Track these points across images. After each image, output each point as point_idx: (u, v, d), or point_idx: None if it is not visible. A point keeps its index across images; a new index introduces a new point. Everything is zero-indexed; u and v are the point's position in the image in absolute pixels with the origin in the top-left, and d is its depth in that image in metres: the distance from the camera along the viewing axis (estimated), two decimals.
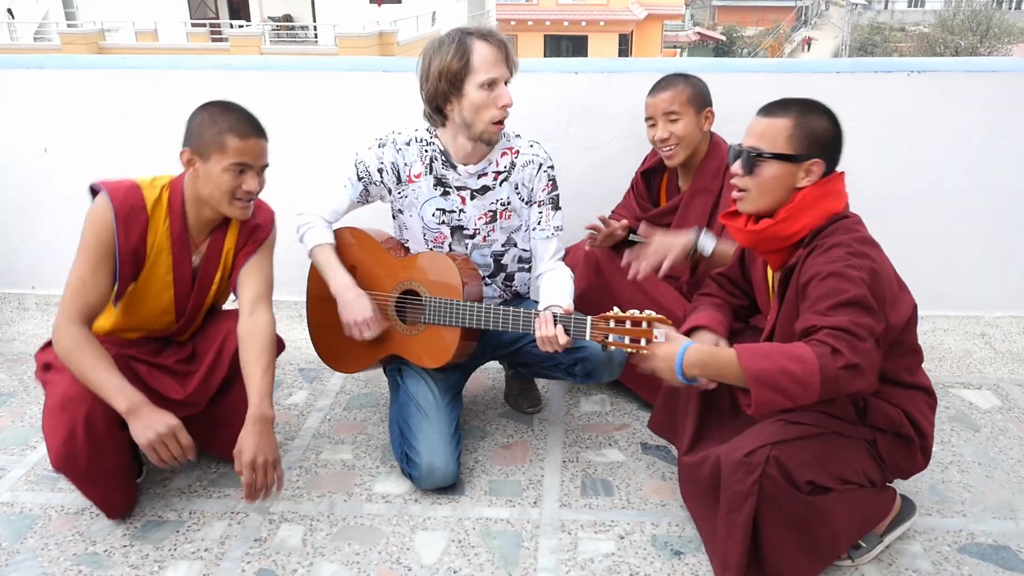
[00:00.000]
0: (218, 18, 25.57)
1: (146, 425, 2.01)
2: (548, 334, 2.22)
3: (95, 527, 2.25)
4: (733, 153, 2.00)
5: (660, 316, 2.14)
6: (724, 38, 38.83)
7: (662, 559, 2.13)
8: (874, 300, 1.78)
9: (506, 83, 2.34)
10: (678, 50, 34.94)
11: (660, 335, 2.13)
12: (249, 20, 25.23)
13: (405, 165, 2.46)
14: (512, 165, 2.47)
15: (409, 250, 2.57)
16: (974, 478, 2.46)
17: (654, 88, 2.64)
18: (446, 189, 2.46)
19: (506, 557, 2.14)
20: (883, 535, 2.11)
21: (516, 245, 2.56)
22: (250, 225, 2.30)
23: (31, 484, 2.44)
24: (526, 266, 2.62)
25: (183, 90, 3.32)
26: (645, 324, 2.14)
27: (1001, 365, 3.15)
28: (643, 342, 2.15)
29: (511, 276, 2.60)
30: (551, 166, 2.51)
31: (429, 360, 2.42)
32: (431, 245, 2.52)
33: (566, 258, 2.62)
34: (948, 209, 3.24)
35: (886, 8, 43.90)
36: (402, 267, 2.45)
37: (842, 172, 1.96)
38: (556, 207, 2.54)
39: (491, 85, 2.29)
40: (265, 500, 2.15)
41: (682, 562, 2.12)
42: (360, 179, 2.47)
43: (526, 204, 2.52)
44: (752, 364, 1.76)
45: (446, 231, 2.49)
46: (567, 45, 30.50)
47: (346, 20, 21.24)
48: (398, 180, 2.47)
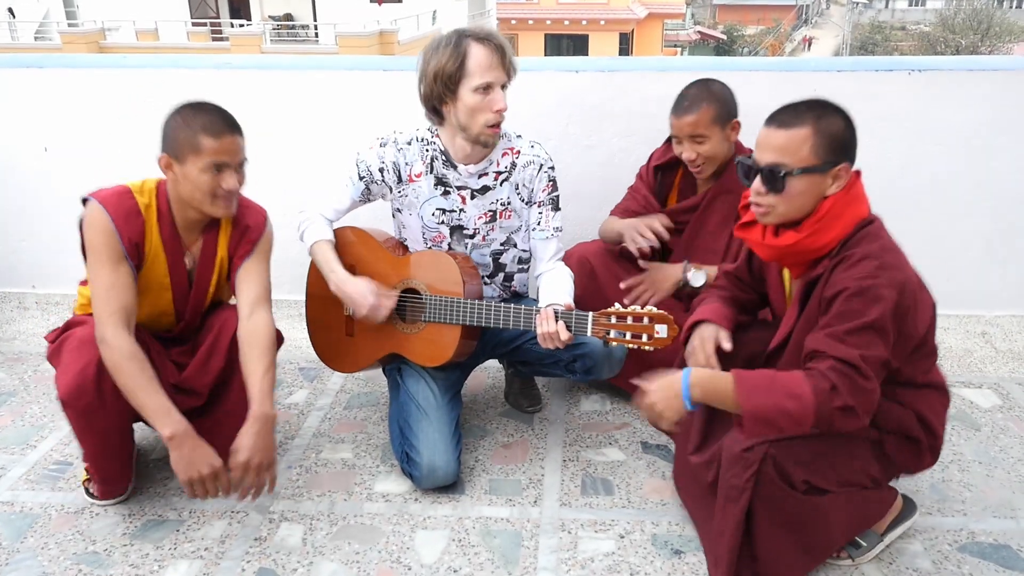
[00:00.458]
0: (219, 17, 25.57)
1: (188, 461, 2.02)
2: (550, 330, 2.22)
3: (95, 526, 2.25)
4: (744, 168, 1.91)
5: (661, 312, 2.14)
6: (725, 37, 38.81)
7: (662, 558, 2.13)
8: (897, 316, 1.76)
9: (504, 87, 2.33)
10: (679, 49, 34.91)
11: (662, 331, 2.13)
12: (250, 19, 25.22)
13: (406, 164, 2.46)
14: (513, 165, 2.47)
15: (409, 249, 2.57)
16: (974, 477, 2.46)
17: (679, 106, 2.54)
18: (446, 189, 2.46)
19: (506, 556, 2.14)
20: (883, 534, 2.11)
21: (516, 245, 2.56)
22: (241, 226, 2.30)
23: (31, 483, 2.44)
24: (525, 267, 2.62)
25: (184, 89, 3.32)
26: (647, 320, 2.14)
27: (1001, 364, 3.14)
28: (644, 338, 2.15)
29: (510, 276, 2.60)
30: (552, 167, 2.51)
31: (429, 358, 2.42)
32: (430, 244, 2.51)
33: None
34: (948, 207, 3.24)
35: (887, 7, 43.88)
36: (402, 265, 2.45)
37: (858, 171, 1.89)
38: (556, 208, 2.53)
39: (486, 89, 2.28)
40: (254, 499, 2.15)
41: (682, 561, 2.11)
42: (361, 178, 2.47)
43: (526, 204, 2.52)
44: (750, 401, 1.77)
45: (445, 231, 2.49)
46: (568, 44, 30.48)
47: (347, 19, 21.24)
48: (399, 179, 2.47)
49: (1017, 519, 2.27)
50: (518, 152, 2.47)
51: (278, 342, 2.30)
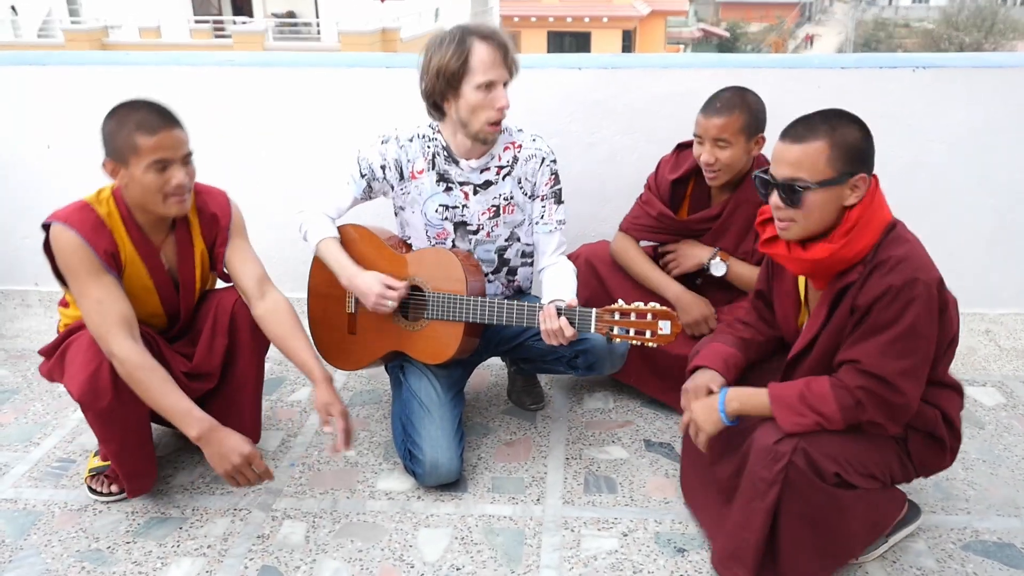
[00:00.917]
0: (221, 15, 25.58)
1: (221, 455, 2.04)
2: (553, 327, 2.21)
3: (98, 523, 2.25)
4: (762, 183, 1.89)
5: (664, 308, 2.14)
6: (728, 34, 38.72)
7: (665, 556, 2.12)
8: (935, 316, 1.81)
9: (506, 84, 2.33)
10: (682, 46, 34.85)
11: (665, 327, 2.13)
12: (252, 16, 25.23)
13: (408, 161, 2.45)
14: (515, 159, 2.46)
15: (412, 246, 2.56)
16: (978, 475, 2.45)
17: (708, 107, 2.48)
18: (449, 185, 2.45)
19: (509, 554, 2.14)
20: (888, 535, 2.11)
21: (519, 240, 2.55)
22: (208, 215, 2.29)
23: (35, 481, 2.44)
24: (529, 260, 2.61)
25: (186, 86, 3.32)
26: (650, 316, 2.14)
27: (1006, 362, 3.13)
28: (648, 334, 2.14)
29: (514, 271, 2.59)
30: (554, 160, 2.51)
31: (432, 356, 2.42)
32: (434, 241, 2.51)
33: None
34: (953, 204, 3.23)
35: (890, 4, 43.76)
36: (404, 263, 2.44)
37: (876, 176, 1.87)
38: (558, 201, 2.53)
39: (488, 87, 2.27)
40: (349, 447, 2.26)
41: (685, 559, 2.11)
42: (363, 176, 2.46)
43: (529, 199, 2.51)
44: (786, 420, 1.86)
45: (449, 227, 2.49)
46: (570, 41, 30.44)
47: (349, 16, 21.21)
48: (401, 177, 2.47)
49: (1021, 517, 2.26)
50: (520, 146, 2.47)
51: None
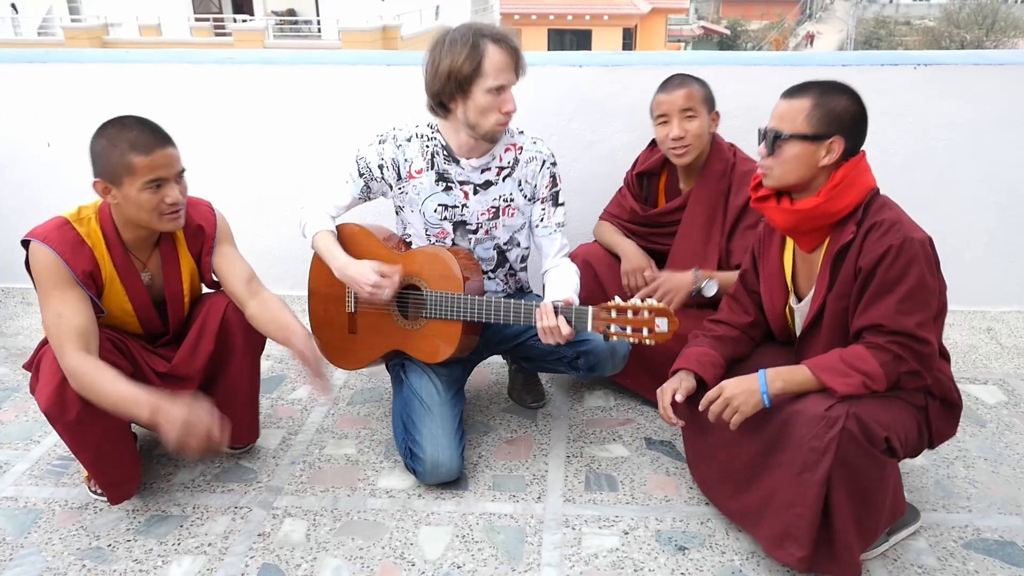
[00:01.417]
0: (221, 12, 25.57)
1: (170, 420, 1.93)
2: (550, 325, 2.21)
3: (99, 522, 2.25)
4: (760, 135, 2.03)
5: (661, 305, 2.13)
6: (728, 32, 38.70)
7: (666, 554, 2.12)
8: (933, 270, 1.90)
9: (512, 87, 2.33)
10: (682, 44, 34.84)
11: (662, 324, 2.12)
12: (252, 14, 25.22)
13: (406, 161, 2.45)
14: (515, 161, 2.46)
15: (410, 245, 2.56)
16: (980, 473, 2.45)
17: (667, 86, 2.58)
18: (448, 184, 2.45)
19: (510, 552, 2.14)
20: (889, 534, 2.10)
21: (519, 245, 2.55)
22: (193, 227, 2.28)
23: (35, 479, 2.44)
24: (526, 264, 2.62)
25: (186, 84, 3.32)
26: (647, 313, 2.13)
27: (1007, 360, 3.13)
28: (645, 331, 2.14)
29: (514, 272, 2.60)
30: (554, 163, 2.51)
31: (431, 355, 2.41)
32: (433, 241, 2.51)
33: None
34: (954, 202, 3.23)
35: (891, 2, 43.71)
36: (403, 262, 2.44)
37: (863, 151, 1.99)
38: (557, 203, 2.53)
39: (499, 91, 2.28)
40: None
41: (686, 557, 2.11)
42: (361, 175, 2.46)
43: (529, 201, 2.51)
44: (834, 381, 1.88)
45: (448, 227, 2.49)
46: (571, 39, 30.42)
47: (350, 14, 21.21)
48: (398, 176, 2.46)
49: (1022, 515, 2.26)
50: (520, 148, 2.47)
51: None
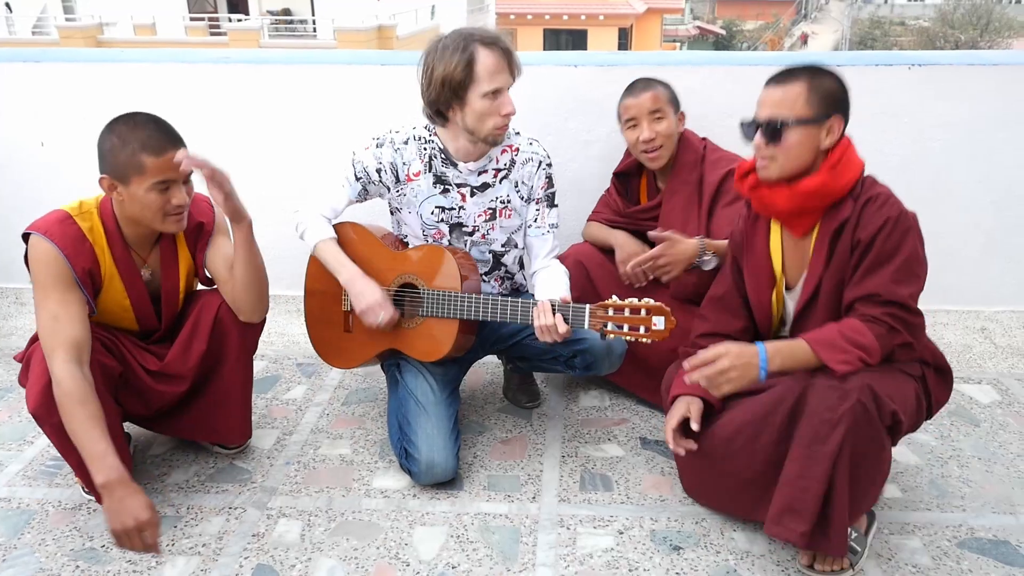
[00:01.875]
0: (216, 12, 25.51)
1: (117, 512, 1.87)
2: (547, 323, 2.21)
3: (92, 522, 2.24)
4: (746, 129, 2.04)
5: (659, 304, 2.14)
6: (724, 32, 38.75)
7: (661, 554, 2.12)
8: (923, 246, 1.97)
9: (508, 89, 2.33)
10: (677, 44, 34.87)
11: (659, 323, 2.12)
12: (248, 14, 25.17)
13: (404, 164, 2.44)
14: (512, 163, 2.46)
15: (407, 244, 2.56)
16: (974, 473, 2.45)
17: (632, 89, 2.64)
18: (446, 187, 2.45)
19: (505, 552, 2.13)
20: (866, 533, 2.10)
21: (517, 246, 2.55)
22: (193, 226, 2.27)
23: (28, 479, 2.43)
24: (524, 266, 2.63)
25: (181, 83, 3.31)
26: (644, 312, 2.14)
27: (1001, 360, 3.14)
28: (642, 330, 2.14)
29: (511, 274, 2.59)
30: (550, 164, 2.51)
31: (427, 353, 2.41)
32: (430, 241, 2.50)
33: None
34: (948, 202, 3.23)
35: (886, 2, 43.79)
36: (400, 261, 2.44)
37: (848, 137, 2.03)
38: (551, 205, 2.53)
39: (495, 94, 2.27)
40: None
41: (681, 557, 2.11)
42: (358, 179, 2.45)
43: (525, 202, 2.51)
44: (834, 357, 1.88)
45: (444, 228, 2.48)
46: (566, 39, 30.42)
47: (345, 14, 21.18)
48: (396, 179, 2.46)
49: (1016, 515, 2.26)
50: (517, 149, 2.47)
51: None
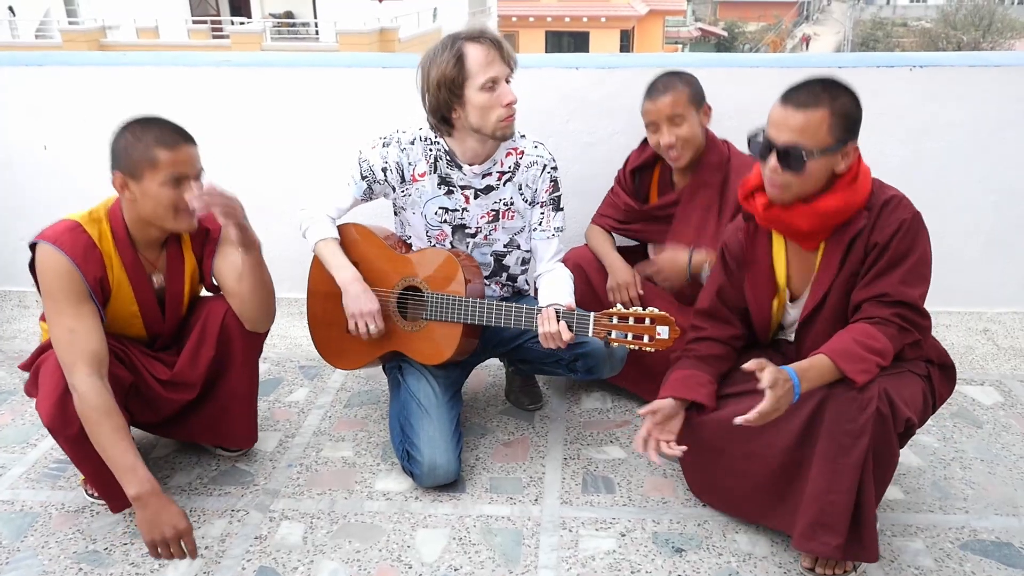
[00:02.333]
0: (219, 15, 25.55)
1: (153, 523, 1.92)
2: (551, 330, 2.21)
3: (95, 525, 2.25)
4: (759, 146, 1.95)
5: (663, 313, 2.14)
6: (726, 34, 38.75)
7: (663, 556, 2.12)
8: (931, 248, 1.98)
9: (508, 79, 2.32)
10: (679, 46, 34.87)
11: (663, 332, 2.13)
12: (250, 17, 25.20)
13: (409, 164, 2.45)
14: (516, 165, 2.46)
15: (412, 246, 2.56)
16: (976, 474, 2.45)
17: (652, 92, 2.56)
18: (450, 188, 2.45)
19: (507, 555, 2.14)
20: None
21: (519, 247, 2.55)
22: (200, 229, 2.27)
23: (32, 482, 2.44)
24: (528, 267, 2.62)
25: (183, 87, 3.32)
26: (648, 321, 2.14)
27: (1004, 361, 3.13)
28: (646, 339, 2.15)
29: (513, 277, 2.59)
30: (555, 167, 2.51)
31: (430, 356, 2.41)
32: (433, 242, 2.51)
33: None
34: (950, 204, 3.23)
35: (888, 3, 43.77)
36: (404, 263, 2.44)
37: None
38: (557, 208, 2.53)
39: (492, 86, 2.27)
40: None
41: (683, 559, 2.11)
42: (364, 178, 2.46)
43: (529, 205, 2.51)
44: (856, 368, 1.85)
45: (448, 229, 2.49)
46: (568, 41, 30.45)
47: (347, 17, 21.19)
48: (402, 179, 2.46)
49: (1019, 516, 2.26)
50: (522, 152, 2.47)
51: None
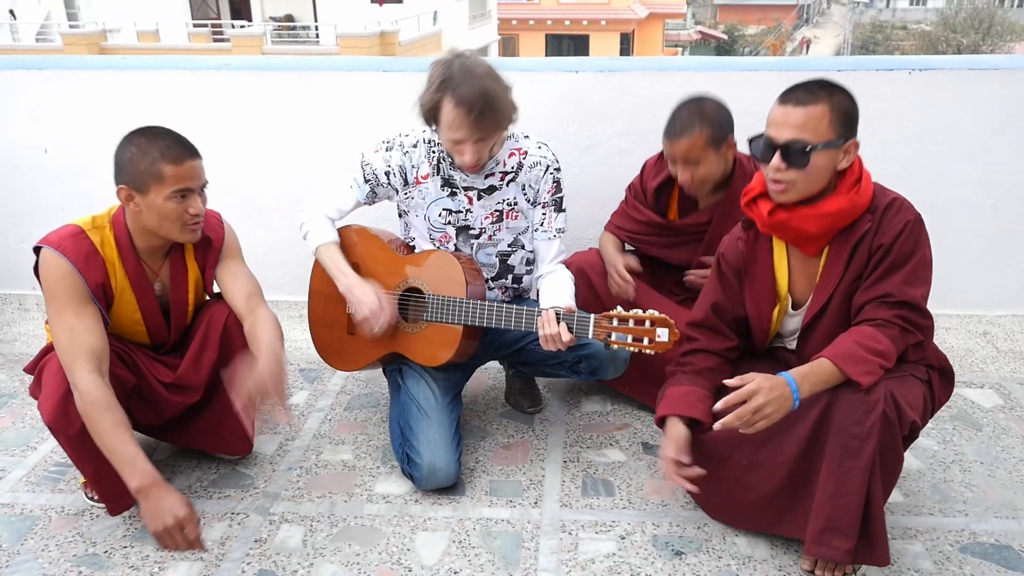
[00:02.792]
0: (219, 18, 25.57)
1: (155, 513, 2.01)
2: (552, 332, 2.21)
3: (95, 528, 2.25)
4: (760, 147, 1.95)
5: (663, 316, 2.14)
6: (726, 37, 38.79)
7: (663, 559, 2.12)
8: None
9: (479, 141, 2.26)
10: (680, 49, 34.91)
11: (663, 334, 2.13)
12: (250, 20, 25.22)
13: (412, 167, 2.45)
14: (519, 166, 2.47)
15: (413, 248, 2.57)
16: (976, 477, 2.45)
17: (670, 130, 2.47)
18: (453, 189, 2.46)
19: (507, 558, 2.14)
20: None
21: (523, 247, 2.56)
22: (202, 240, 2.28)
23: (32, 485, 2.44)
24: (532, 267, 2.62)
25: (184, 90, 3.32)
26: (648, 323, 2.14)
27: (1003, 364, 3.14)
28: (645, 341, 2.15)
29: (518, 278, 2.59)
30: (558, 168, 2.51)
31: (430, 358, 2.42)
32: (437, 244, 2.51)
33: None
34: (950, 207, 3.23)
35: (888, 6, 43.82)
36: (405, 265, 2.44)
37: (856, 143, 2.01)
38: (559, 209, 2.53)
39: (456, 142, 2.27)
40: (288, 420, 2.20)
41: (683, 562, 2.11)
42: (367, 181, 2.47)
43: (532, 205, 2.52)
44: (858, 370, 1.85)
45: (451, 231, 2.49)
46: (568, 44, 30.48)
47: (347, 20, 21.22)
48: (405, 182, 2.47)
49: (1019, 519, 2.26)
50: (525, 152, 2.47)
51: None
